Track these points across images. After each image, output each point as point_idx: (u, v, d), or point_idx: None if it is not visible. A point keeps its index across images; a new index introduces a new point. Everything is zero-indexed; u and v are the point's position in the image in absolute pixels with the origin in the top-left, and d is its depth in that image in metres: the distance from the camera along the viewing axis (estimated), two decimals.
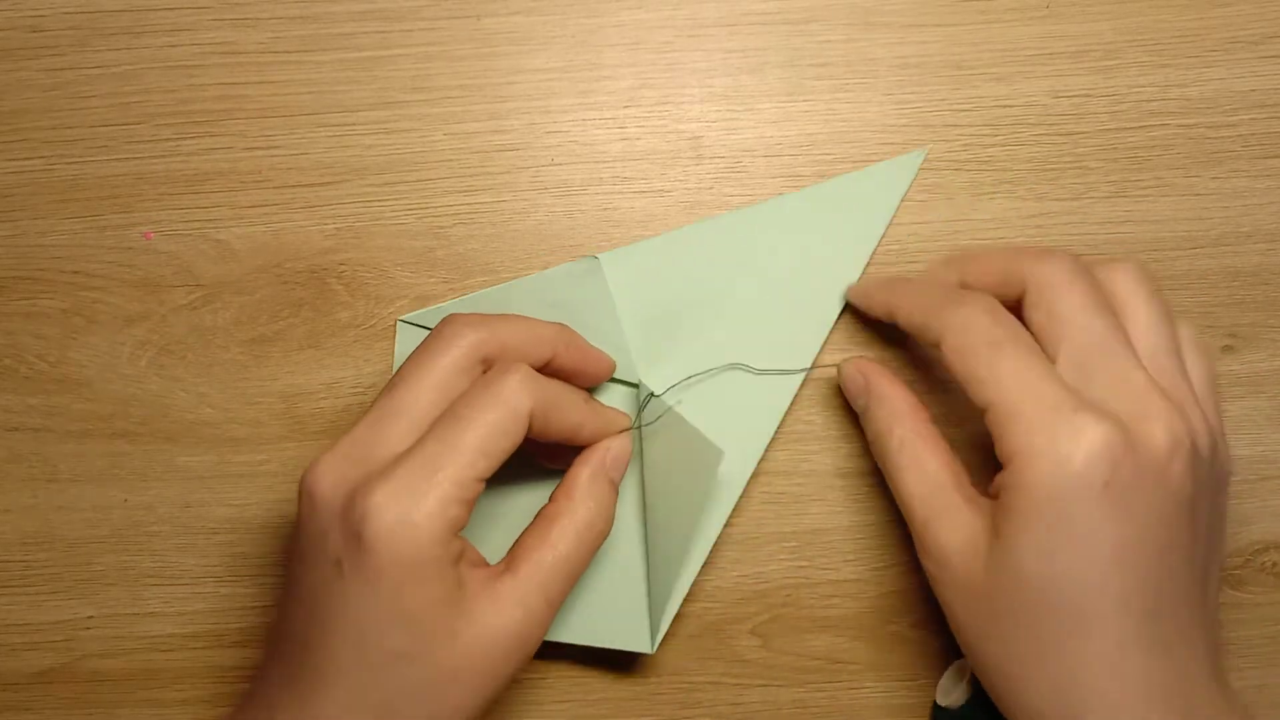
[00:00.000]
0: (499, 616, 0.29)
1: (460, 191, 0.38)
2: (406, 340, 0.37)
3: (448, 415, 0.30)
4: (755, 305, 0.37)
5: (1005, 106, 0.38)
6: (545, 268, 0.37)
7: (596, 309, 0.36)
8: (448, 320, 0.31)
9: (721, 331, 0.37)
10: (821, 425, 0.37)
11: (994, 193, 0.38)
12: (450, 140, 0.38)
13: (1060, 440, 0.28)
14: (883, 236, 0.37)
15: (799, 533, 0.37)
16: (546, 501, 0.33)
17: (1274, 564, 0.38)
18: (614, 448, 0.33)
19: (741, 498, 0.37)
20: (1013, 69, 0.38)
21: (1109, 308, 0.30)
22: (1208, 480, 0.30)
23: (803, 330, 0.37)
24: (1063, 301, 0.30)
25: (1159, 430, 0.28)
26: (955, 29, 0.38)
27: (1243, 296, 0.38)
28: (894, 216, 0.37)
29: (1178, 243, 0.38)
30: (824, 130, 0.38)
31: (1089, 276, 0.31)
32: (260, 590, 0.38)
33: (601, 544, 0.32)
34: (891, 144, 0.38)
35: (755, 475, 0.37)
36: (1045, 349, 0.30)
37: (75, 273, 0.38)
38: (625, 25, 0.38)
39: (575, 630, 0.36)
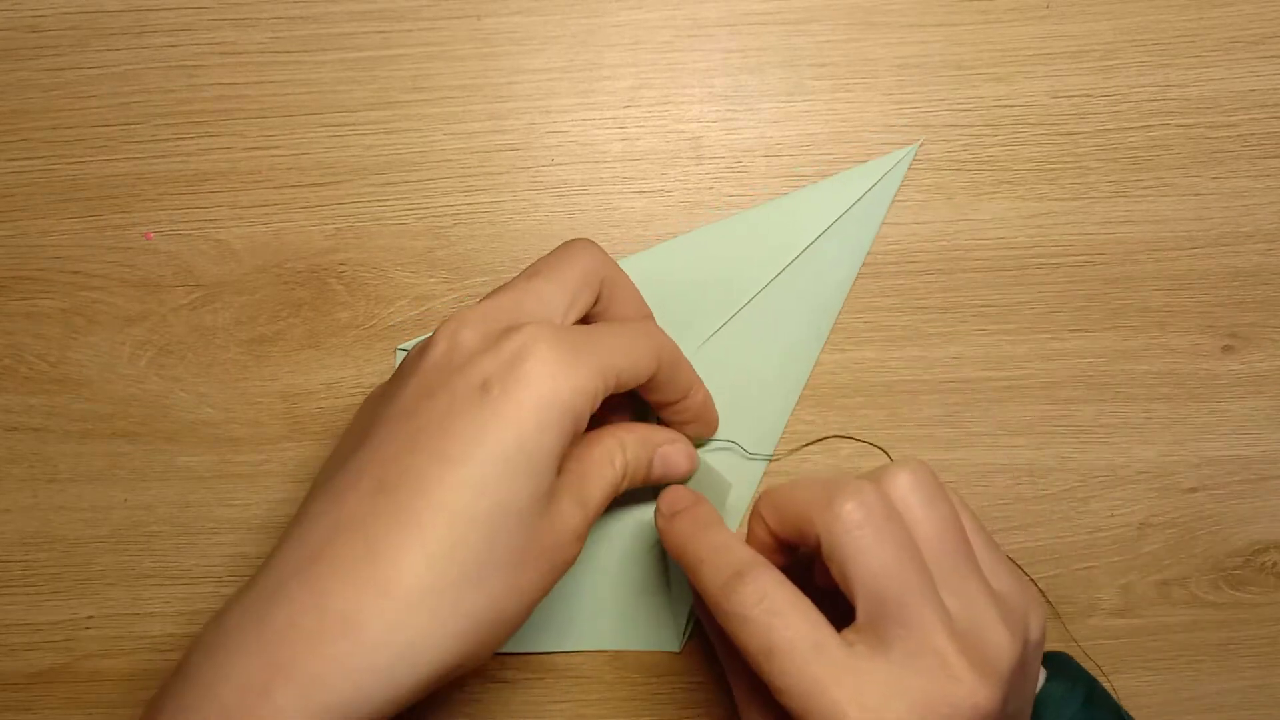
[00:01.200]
0: (568, 511, 0.29)
1: (460, 191, 0.38)
2: None
3: (600, 324, 0.30)
4: (754, 310, 0.37)
5: (1005, 106, 0.38)
6: None
7: None
8: (573, 240, 0.31)
9: (720, 339, 0.37)
10: (820, 426, 0.37)
11: (994, 193, 0.38)
12: (450, 140, 0.38)
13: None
14: (878, 232, 0.37)
15: None
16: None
17: (1274, 564, 0.38)
18: (673, 452, 0.33)
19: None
20: (1013, 69, 0.38)
21: (909, 544, 0.27)
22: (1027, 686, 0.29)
23: (802, 333, 0.37)
24: (853, 558, 0.27)
25: (1007, 648, 0.27)
26: (955, 29, 0.38)
27: (1243, 296, 0.38)
28: (895, 216, 0.38)
29: (1178, 243, 0.38)
30: (824, 130, 0.38)
31: (877, 517, 0.27)
32: None
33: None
34: (891, 144, 0.38)
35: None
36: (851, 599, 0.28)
37: (75, 273, 0.38)
38: (625, 25, 0.38)
39: (606, 637, 0.37)
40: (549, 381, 0.27)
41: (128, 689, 0.38)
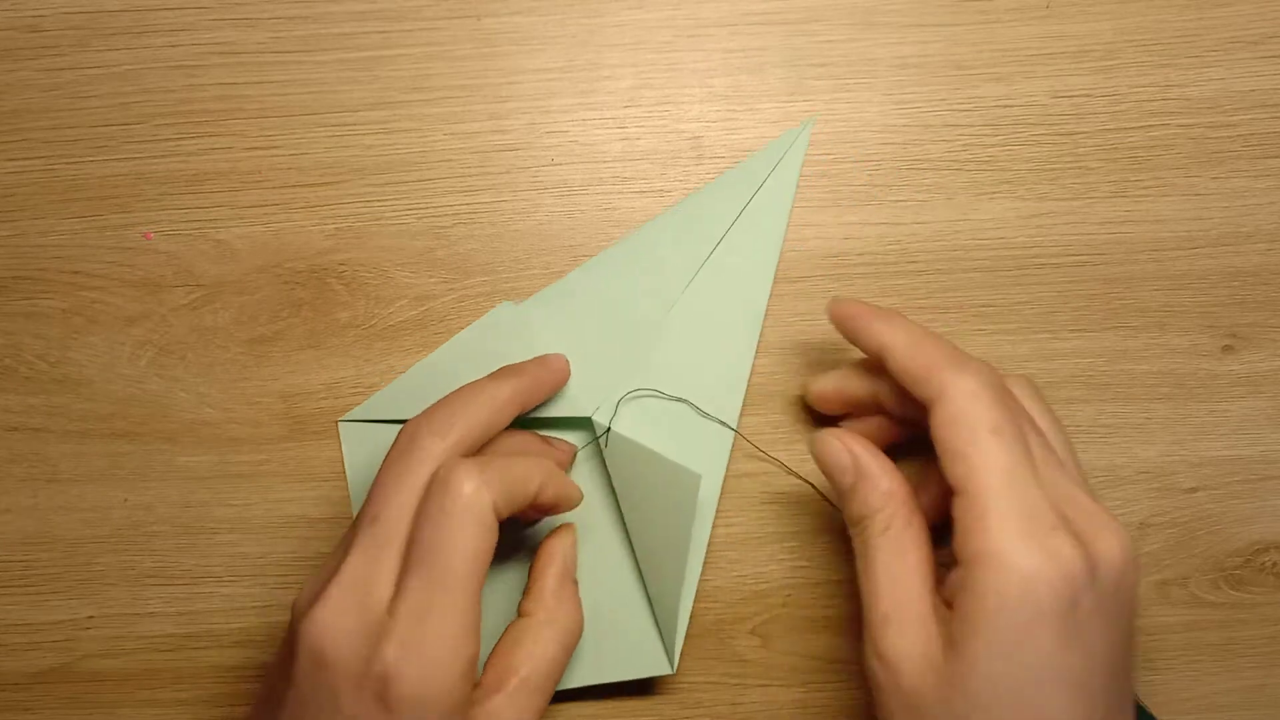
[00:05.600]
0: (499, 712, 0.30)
1: (460, 191, 0.38)
2: (352, 441, 0.37)
3: (423, 549, 0.29)
4: (682, 320, 0.37)
5: (1005, 106, 0.38)
6: (545, 268, 0.38)
7: (528, 352, 0.36)
8: (409, 433, 0.31)
9: (656, 352, 0.36)
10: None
11: (994, 193, 0.38)
12: (450, 140, 0.38)
13: (1031, 555, 0.26)
14: (790, 210, 0.37)
15: (799, 533, 0.37)
16: (516, 611, 0.33)
17: (1274, 564, 0.38)
18: (567, 548, 0.34)
19: (742, 498, 0.37)
20: (1013, 69, 0.38)
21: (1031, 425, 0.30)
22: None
23: (733, 335, 0.37)
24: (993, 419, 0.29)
25: (1117, 549, 0.28)
26: (955, 29, 0.38)
27: (1243, 296, 0.38)
28: (894, 216, 0.37)
29: (1178, 243, 0.38)
30: (824, 130, 0.38)
31: (1009, 394, 0.30)
32: (260, 590, 0.38)
33: (579, 640, 0.33)
34: (891, 144, 0.38)
35: (755, 476, 0.37)
36: None
37: (75, 273, 0.38)
38: (625, 25, 0.38)
39: (594, 671, 0.36)
40: (417, 701, 0.28)
41: (128, 689, 0.38)
